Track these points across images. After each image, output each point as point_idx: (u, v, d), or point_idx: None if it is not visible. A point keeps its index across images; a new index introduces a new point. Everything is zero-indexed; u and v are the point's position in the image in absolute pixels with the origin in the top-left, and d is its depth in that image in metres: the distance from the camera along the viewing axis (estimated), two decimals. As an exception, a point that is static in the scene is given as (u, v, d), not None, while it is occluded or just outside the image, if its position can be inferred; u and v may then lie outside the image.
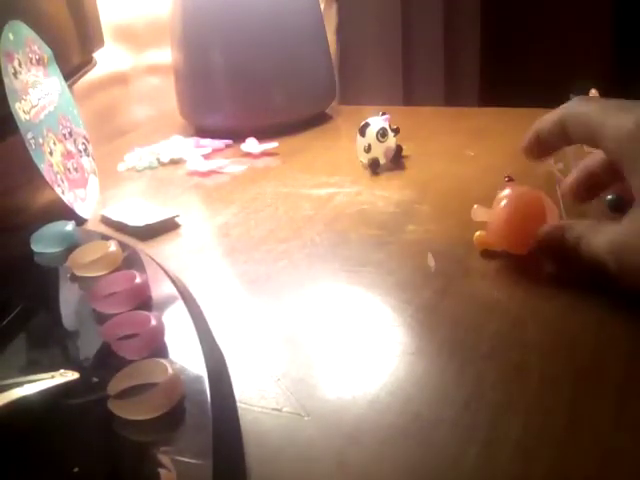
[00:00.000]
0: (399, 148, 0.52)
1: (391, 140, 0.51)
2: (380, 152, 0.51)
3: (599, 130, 0.30)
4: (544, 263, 0.34)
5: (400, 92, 1.07)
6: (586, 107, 0.31)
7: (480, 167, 0.49)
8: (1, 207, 0.43)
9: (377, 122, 0.51)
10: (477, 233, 0.36)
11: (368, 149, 0.50)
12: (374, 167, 0.51)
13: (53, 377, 0.25)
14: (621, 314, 0.29)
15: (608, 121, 0.30)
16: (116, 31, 0.72)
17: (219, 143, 0.61)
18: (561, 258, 0.33)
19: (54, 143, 0.45)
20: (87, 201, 0.48)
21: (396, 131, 0.51)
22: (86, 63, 0.59)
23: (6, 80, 0.41)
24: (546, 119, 0.34)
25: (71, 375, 0.25)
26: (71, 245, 0.38)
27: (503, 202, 0.34)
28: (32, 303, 0.33)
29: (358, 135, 0.51)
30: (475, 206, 0.37)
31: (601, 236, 0.30)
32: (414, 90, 1.08)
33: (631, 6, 1.17)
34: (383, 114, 0.52)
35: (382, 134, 0.50)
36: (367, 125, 0.51)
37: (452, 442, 0.23)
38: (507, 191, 0.35)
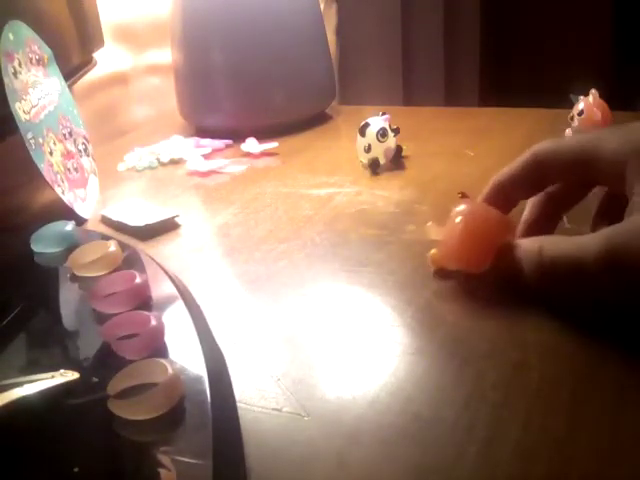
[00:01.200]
0: (399, 148, 0.52)
1: (391, 140, 0.51)
2: (380, 152, 0.51)
3: (594, 152, 0.30)
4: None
5: (400, 92, 1.07)
6: (567, 140, 0.31)
7: (480, 167, 0.49)
8: (1, 207, 0.43)
9: (377, 122, 0.51)
10: (431, 251, 0.34)
11: (368, 149, 0.50)
12: (374, 167, 0.51)
13: (53, 377, 0.25)
14: (621, 314, 0.29)
15: (603, 142, 0.30)
16: (116, 31, 0.72)
17: (219, 143, 0.61)
18: (515, 276, 0.31)
19: (54, 143, 0.45)
20: (87, 201, 0.48)
21: (396, 131, 0.51)
22: (86, 63, 0.59)
23: (6, 80, 0.41)
24: (505, 171, 0.33)
25: (71, 375, 0.25)
26: (71, 245, 0.38)
27: (458, 219, 0.32)
28: (32, 303, 0.33)
29: (358, 135, 0.51)
30: (429, 223, 0.35)
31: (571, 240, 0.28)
32: (414, 90, 1.08)
33: (631, 6, 1.17)
34: (383, 114, 0.52)
35: (382, 134, 0.50)
36: (367, 125, 0.51)
37: (452, 442, 0.23)
38: (461, 207, 0.33)
